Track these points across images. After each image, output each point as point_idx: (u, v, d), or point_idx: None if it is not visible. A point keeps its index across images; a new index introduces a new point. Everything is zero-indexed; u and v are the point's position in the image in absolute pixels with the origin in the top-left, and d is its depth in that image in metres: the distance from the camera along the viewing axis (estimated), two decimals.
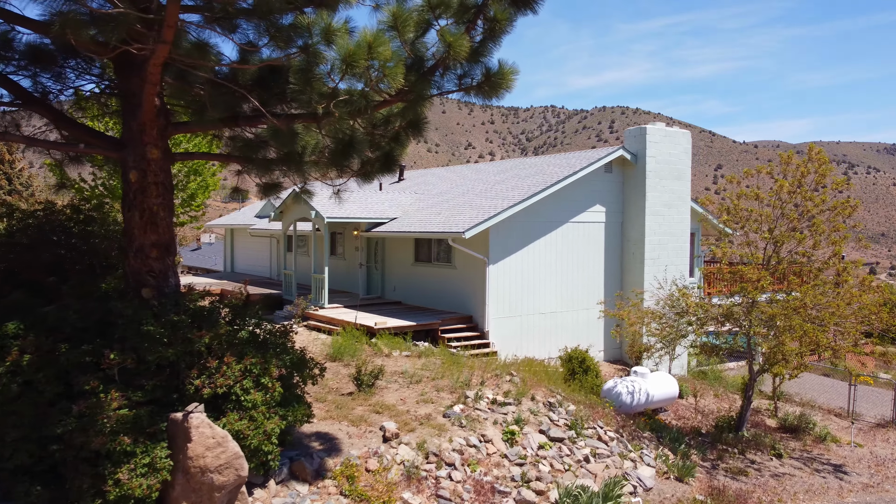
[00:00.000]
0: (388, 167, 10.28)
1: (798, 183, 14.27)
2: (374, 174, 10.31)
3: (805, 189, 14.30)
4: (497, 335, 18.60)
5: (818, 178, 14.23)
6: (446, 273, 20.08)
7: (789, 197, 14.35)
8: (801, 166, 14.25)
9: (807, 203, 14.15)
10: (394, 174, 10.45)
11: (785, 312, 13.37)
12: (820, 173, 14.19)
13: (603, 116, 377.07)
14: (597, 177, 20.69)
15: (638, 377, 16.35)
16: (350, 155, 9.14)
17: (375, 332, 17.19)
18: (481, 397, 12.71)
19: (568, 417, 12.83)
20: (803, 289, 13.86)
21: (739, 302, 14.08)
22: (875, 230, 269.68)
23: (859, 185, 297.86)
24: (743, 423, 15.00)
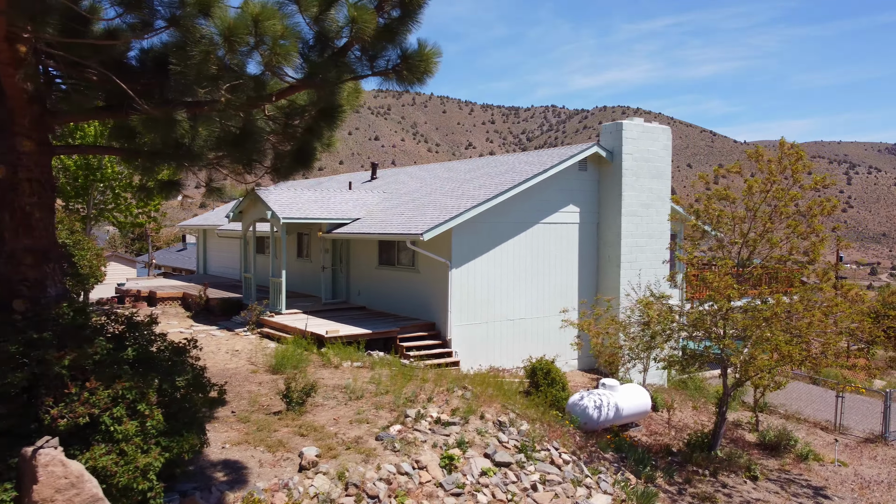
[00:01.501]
0: (304, 162, 9.18)
1: (771, 181, 13.13)
2: (289, 170, 9.21)
3: (778, 188, 13.16)
4: (460, 344, 17.47)
5: (794, 176, 13.08)
6: (409, 277, 18.95)
7: (761, 197, 13.22)
8: (772, 163, 13.10)
9: (779, 203, 13.00)
10: (309, 169, 9.36)
11: (756, 323, 12.24)
12: (795, 170, 13.04)
13: (604, 116, 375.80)
14: (570, 175, 19.55)
15: (606, 390, 15.22)
16: (246, 148, 7.99)
17: (326, 341, 16.06)
18: (424, 416, 11.59)
19: (519, 438, 11.69)
20: (776, 297, 12.74)
21: (708, 310, 12.95)
22: (876, 230, 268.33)
23: (860, 185, 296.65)
24: (717, 442, 13.86)
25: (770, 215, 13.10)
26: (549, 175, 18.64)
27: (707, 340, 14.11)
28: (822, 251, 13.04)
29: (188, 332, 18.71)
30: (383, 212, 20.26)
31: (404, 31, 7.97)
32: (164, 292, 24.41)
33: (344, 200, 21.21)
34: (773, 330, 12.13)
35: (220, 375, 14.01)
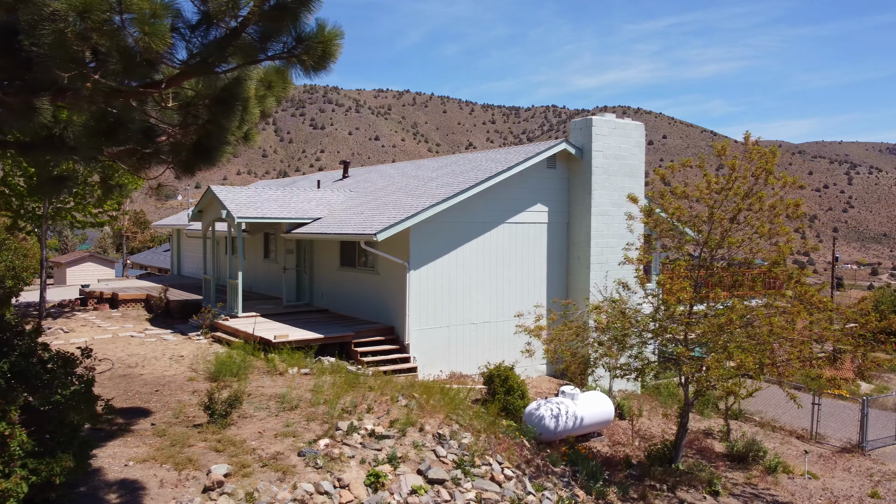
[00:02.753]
0: (206, 156, 8.42)
1: (733, 179, 12.38)
2: (190, 165, 8.47)
3: (739, 187, 12.41)
4: (419, 349, 16.73)
5: (758, 174, 12.32)
6: (369, 279, 18.23)
7: (722, 195, 12.48)
8: (736, 159, 12.36)
9: (739, 202, 12.26)
10: (211, 165, 8.65)
11: (712, 329, 11.51)
12: (760, 167, 12.29)
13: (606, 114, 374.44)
14: (538, 173, 18.80)
15: (566, 398, 14.50)
16: (118, 139, 7.25)
17: (274, 347, 15.33)
18: (357, 429, 10.86)
19: (459, 452, 10.96)
20: (734, 302, 12.01)
21: (663, 315, 12.21)
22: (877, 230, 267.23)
23: (861, 185, 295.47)
24: (678, 454, 13.12)
25: (732, 215, 12.35)
26: (514, 173, 17.90)
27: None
28: (788, 253, 12.28)
29: (139, 336, 18.02)
30: (345, 211, 19.55)
31: (302, 11, 7.23)
32: (127, 294, 23.74)
33: (307, 199, 20.49)
34: (729, 337, 11.39)
35: (154, 384, 13.32)
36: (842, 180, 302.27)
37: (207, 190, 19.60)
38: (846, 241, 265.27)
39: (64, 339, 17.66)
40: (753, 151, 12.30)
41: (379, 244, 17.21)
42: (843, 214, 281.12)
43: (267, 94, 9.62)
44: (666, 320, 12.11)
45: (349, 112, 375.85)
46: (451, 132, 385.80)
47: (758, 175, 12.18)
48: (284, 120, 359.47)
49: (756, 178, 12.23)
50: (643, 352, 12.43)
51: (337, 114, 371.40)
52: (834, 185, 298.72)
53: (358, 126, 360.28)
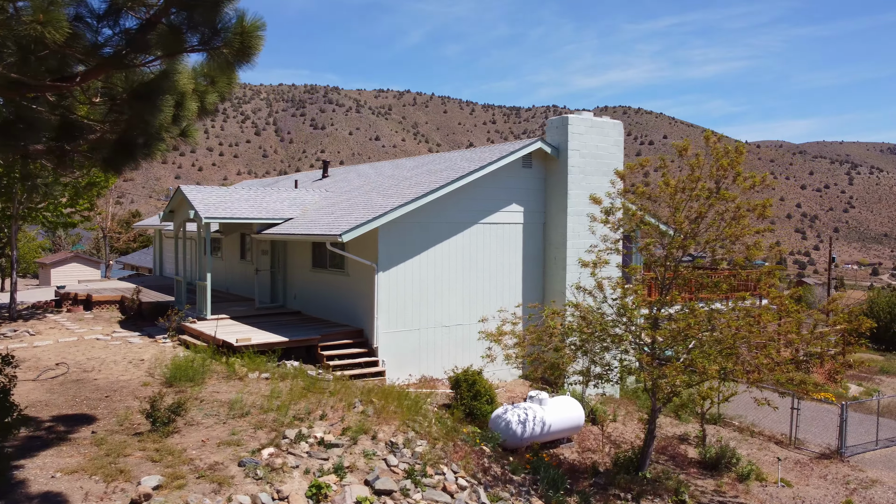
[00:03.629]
0: (130, 153, 8.05)
1: (695, 179, 11.99)
2: (114, 163, 8.11)
3: (703, 187, 12.03)
4: (388, 352, 16.36)
5: (721, 174, 11.94)
6: (340, 281, 17.86)
7: (681, 196, 12.10)
8: (699, 157, 11.98)
9: (701, 205, 11.88)
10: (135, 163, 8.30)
11: (673, 334, 11.13)
12: (721, 166, 11.91)
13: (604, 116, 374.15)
14: (513, 172, 18.42)
15: (534, 403, 14.12)
16: (20, 136, 6.88)
17: (237, 350, 14.96)
18: (305, 437, 10.49)
19: (412, 461, 10.59)
20: (691, 305, 11.64)
21: (616, 319, 11.83)
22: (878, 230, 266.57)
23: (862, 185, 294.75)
24: (645, 462, 12.72)
25: (695, 215, 11.98)
26: (488, 172, 17.52)
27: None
28: (758, 255, 11.89)
29: (105, 338, 17.66)
30: (317, 211, 19.17)
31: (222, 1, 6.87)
32: (102, 295, 23.40)
33: (280, 200, 20.12)
34: (689, 342, 11.03)
35: (107, 389, 12.96)
36: (843, 180, 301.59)
37: (177, 190, 19.25)
38: (847, 241, 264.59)
39: (28, 341, 17.30)
40: (716, 150, 11.90)
41: (348, 245, 16.86)
42: (844, 214, 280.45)
43: (209, 89, 9.27)
44: (624, 325, 11.72)
45: (350, 112, 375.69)
46: (451, 132, 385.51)
47: (722, 175, 11.79)
48: (285, 120, 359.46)
49: (720, 178, 11.83)
50: (604, 357, 12.04)
51: (337, 114, 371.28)
52: (835, 185, 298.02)
53: (358, 126, 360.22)
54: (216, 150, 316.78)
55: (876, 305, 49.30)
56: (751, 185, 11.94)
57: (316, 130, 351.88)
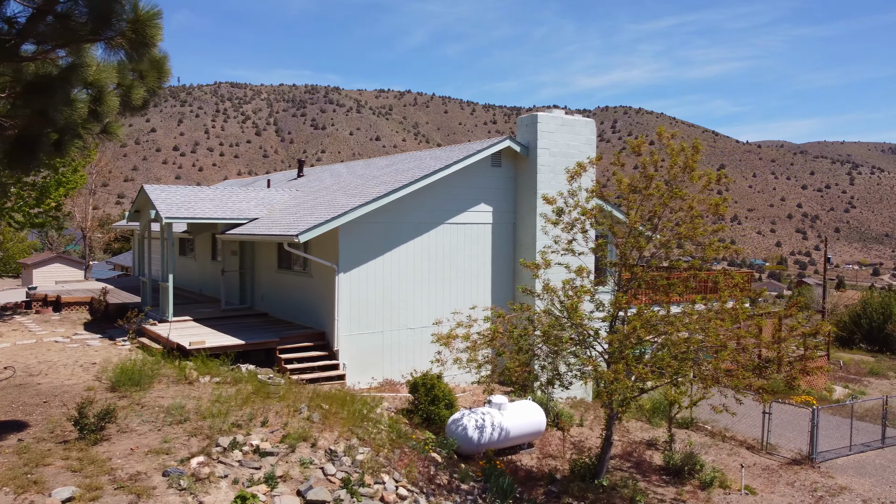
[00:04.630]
0: (31, 151, 7.69)
1: (648, 177, 11.63)
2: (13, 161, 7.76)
3: (658, 185, 11.66)
4: (350, 355, 16.00)
5: (674, 171, 11.56)
6: (304, 282, 17.51)
7: (636, 196, 11.74)
8: (654, 154, 11.62)
9: (655, 204, 11.52)
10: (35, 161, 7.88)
11: (618, 338, 10.76)
12: (674, 163, 11.54)
13: (605, 116, 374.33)
14: (482, 171, 18.06)
15: (492, 408, 13.75)
16: None
17: (190, 353, 14.61)
18: (240, 444, 10.13)
19: (351, 469, 10.22)
20: (640, 308, 11.27)
21: (569, 324, 11.45)
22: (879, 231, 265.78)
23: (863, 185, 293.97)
24: (602, 469, 12.35)
25: (649, 215, 11.61)
26: (454, 171, 17.16)
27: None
28: (714, 256, 11.51)
29: (64, 341, 17.32)
30: (283, 211, 18.82)
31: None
32: (72, 297, 23.08)
33: (247, 199, 19.78)
34: (645, 346, 10.67)
35: (48, 394, 12.60)
36: (844, 180, 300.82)
37: (141, 189, 18.91)
38: (848, 241, 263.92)
39: None
40: (671, 148, 11.53)
41: (311, 246, 16.54)
42: (845, 215, 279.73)
43: (135, 83, 8.93)
44: (574, 328, 11.35)
45: (350, 112, 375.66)
46: (452, 132, 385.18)
47: (676, 173, 11.42)
48: (285, 120, 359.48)
49: (674, 176, 11.46)
50: (555, 361, 11.67)
51: (338, 114, 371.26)
52: (836, 186, 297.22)
53: (359, 126, 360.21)
54: (216, 150, 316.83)
55: (869, 306, 48.84)
56: (706, 184, 11.55)
57: (316, 131, 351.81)
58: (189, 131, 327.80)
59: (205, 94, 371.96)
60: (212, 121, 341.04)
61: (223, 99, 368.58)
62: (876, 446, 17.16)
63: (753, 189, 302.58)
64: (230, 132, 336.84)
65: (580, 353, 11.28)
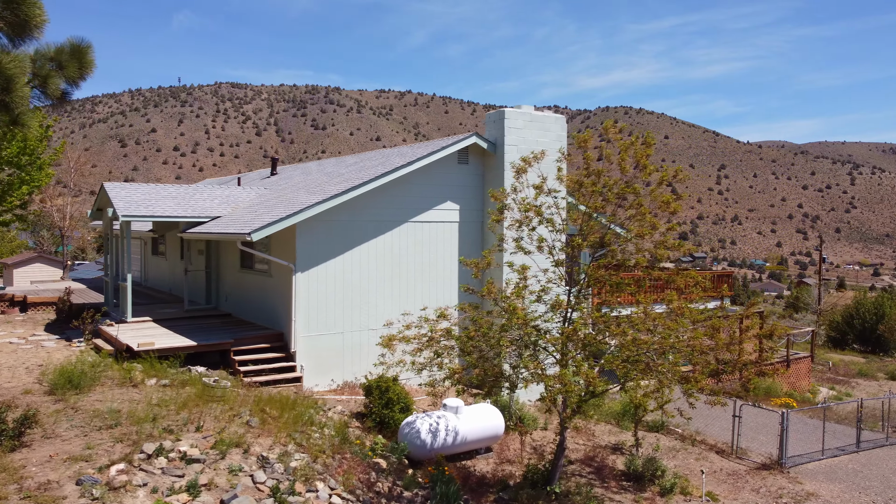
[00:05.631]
0: None
1: (595, 173, 11.20)
2: None
3: (606, 182, 11.24)
4: (308, 357, 15.58)
5: (623, 167, 11.14)
6: (264, 282, 17.11)
7: (583, 193, 11.33)
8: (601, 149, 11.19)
9: (598, 202, 11.10)
10: None
11: (563, 340, 10.34)
12: (622, 159, 11.11)
13: (606, 116, 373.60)
14: (448, 169, 17.64)
15: (448, 412, 13.33)
16: None
17: (138, 355, 14.21)
18: (167, 451, 9.72)
19: (283, 477, 9.80)
20: (580, 308, 10.86)
21: (513, 325, 11.03)
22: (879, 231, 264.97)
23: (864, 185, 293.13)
24: (555, 475, 11.91)
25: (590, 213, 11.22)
26: (417, 168, 16.74)
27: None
28: (667, 255, 11.08)
29: (19, 342, 16.94)
30: (247, 209, 18.41)
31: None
32: (39, 297, 22.75)
33: (211, 197, 19.37)
34: (589, 348, 10.26)
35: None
36: (844, 181, 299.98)
37: (101, 187, 18.51)
38: (849, 241, 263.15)
39: None
40: (622, 145, 11.11)
41: (272, 245, 16.18)
42: (846, 215, 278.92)
43: (52, 73, 8.55)
44: (513, 330, 10.92)
45: (350, 112, 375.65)
46: (452, 132, 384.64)
47: (625, 169, 11.00)
48: (286, 120, 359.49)
49: (625, 171, 11.04)
50: (501, 364, 11.24)
51: (338, 114, 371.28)
52: (836, 186, 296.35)
53: (359, 126, 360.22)
54: (217, 150, 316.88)
55: (862, 307, 48.33)
56: (660, 181, 11.13)
57: (317, 131, 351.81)
58: (189, 131, 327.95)
59: (205, 94, 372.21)
60: (212, 121, 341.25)
61: (224, 99, 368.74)
62: (851, 450, 16.72)
63: (754, 189, 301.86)
64: (230, 132, 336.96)
65: (524, 355, 10.84)
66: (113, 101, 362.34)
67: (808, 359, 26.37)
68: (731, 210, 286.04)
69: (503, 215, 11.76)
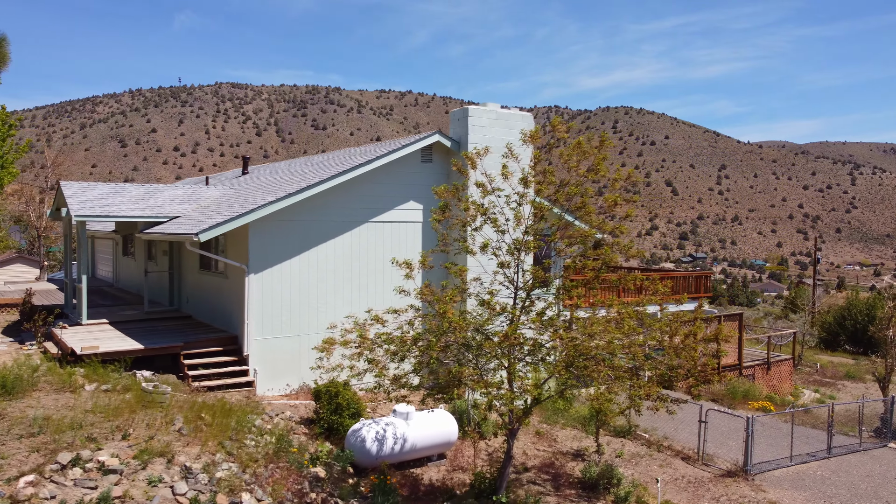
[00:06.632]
0: None
1: (538, 173, 10.82)
2: None
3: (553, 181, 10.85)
4: (261, 361, 15.19)
5: (570, 166, 10.74)
6: (220, 284, 16.73)
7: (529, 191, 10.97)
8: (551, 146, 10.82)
9: (539, 202, 10.73)
10: None
11: (495, 346, 9.94)
12: (568, 157, 10.72)
13: (606, 116, 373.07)
14: (411, 168, 17.24)
15: (397, 418, 12.93)
16: None
17: (81, 358, 13.82)
18: (84, 461, 9.34)
19: (206, 488, 9.41)
20: (514, 314, 10.48)
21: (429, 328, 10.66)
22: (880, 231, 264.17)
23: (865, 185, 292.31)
24: (502, 484, 11.50)
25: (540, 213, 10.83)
26: (378, 167, 16.35)
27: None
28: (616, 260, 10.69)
29: None
30: (207, 209, 18.02)
31: None
32: (4, 298, 22.42)
33: (172, 197, 18.98)
34: (508, 353, 9.89)
35: None
36: (845, 181, 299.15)
37: (58, 186, 18.14)
38: (849, 241, 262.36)
39: None
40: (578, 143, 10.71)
41: (227, 246, 15.83)
42: (847, 215, 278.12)
43: None
44: (450, 334, 10.52)
45: (351, 112, 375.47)
46: None
47: (572, 167, 10.61)
48: (286, 121, 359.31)
49: (569, 170, 10.65)
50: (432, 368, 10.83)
51: (339, 114, 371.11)
52: (837, 186, 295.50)
53: (359, 126, 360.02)
54: (217, 150, 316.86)
55: (854, 307, 47.81)
56: (612, 182, 10.73)
57: (317, 131, 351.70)
58: (189, 132, 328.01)
59: (206, 94, 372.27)
60: (212, 121, 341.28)
61: (224, 99, 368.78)
62: (822, 456, 16.29)
63: (754, 189, 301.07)
64: (231, 132, 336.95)
65: (463, 360, 10.44)
66: (113, 101, 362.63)
67: (790, 361, 25.93)
68: (731, 210, 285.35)
69: (445, 214, 11.35)
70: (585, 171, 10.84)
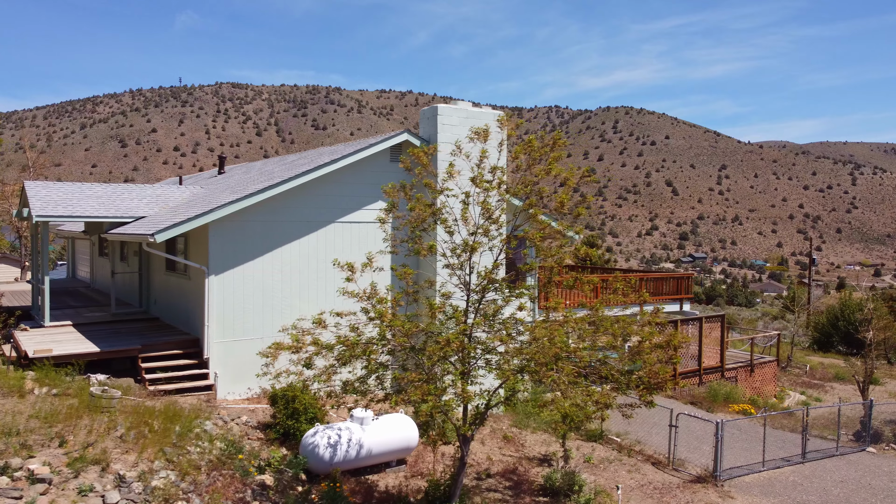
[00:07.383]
0: None
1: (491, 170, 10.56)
2: None
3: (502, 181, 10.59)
4: (222, 364, 14.90)
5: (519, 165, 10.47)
6: (183, 285, 16.45)
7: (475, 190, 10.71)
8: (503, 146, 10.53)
9: (483, 202, 10.48)
10: None
11: (434, 350, 9.65)
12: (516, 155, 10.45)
13: (607, 116, 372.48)
14: (379, 168, 16.94)
15: (354, 423, 12.62)
16: None
17: (33, 362, 13.53)
18: (13, 469, 9.05)
19: (139, 498, 9.11)
20: (457, 316, 10.20)
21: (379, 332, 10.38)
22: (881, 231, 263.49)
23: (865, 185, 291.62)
24: (455, 492, 11.20)
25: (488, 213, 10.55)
26: (344, 166, 16.07)
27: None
28: (566, 260, 10.39)
29: None
30: (174, 210, 17.72)
31: None
32: None
33: (140, 197, 18.69)
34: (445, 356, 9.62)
35: None
36: (846, 181, 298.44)
37: (22, 185, 17.86)
38: (849, 241, 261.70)
39: None
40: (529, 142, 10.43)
41: (190, 247, 15.52)
42: (847, 215, 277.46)
43: None
44: (377, 338, 10.27)
45: (351, 112, 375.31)
46: None
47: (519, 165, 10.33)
48: (286, 121, 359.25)
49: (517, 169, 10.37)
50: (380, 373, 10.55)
51: (339, 114, 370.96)
52: (838, 186, 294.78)
53: (360, 126, 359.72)
54: (217, 150, 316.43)
55: (847, 308, 47.39)
56: (563, 181, 10.44)
57: (317, 131, 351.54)
58: (190, 132, 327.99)
59: (206, 94, 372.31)
60: (213, 121, 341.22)
61: (224, 99, 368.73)
62: (796, 461, 15.99)
63: (755, 189, 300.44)
64: (231, 132, 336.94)
65: (408, 364, 10.16)
66: (114, 101, 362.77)
67: (774, 363, 25.60)
68: (731, 210, 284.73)
69: (389, 215, 11.09)
70: (539, 170, 10.54)
